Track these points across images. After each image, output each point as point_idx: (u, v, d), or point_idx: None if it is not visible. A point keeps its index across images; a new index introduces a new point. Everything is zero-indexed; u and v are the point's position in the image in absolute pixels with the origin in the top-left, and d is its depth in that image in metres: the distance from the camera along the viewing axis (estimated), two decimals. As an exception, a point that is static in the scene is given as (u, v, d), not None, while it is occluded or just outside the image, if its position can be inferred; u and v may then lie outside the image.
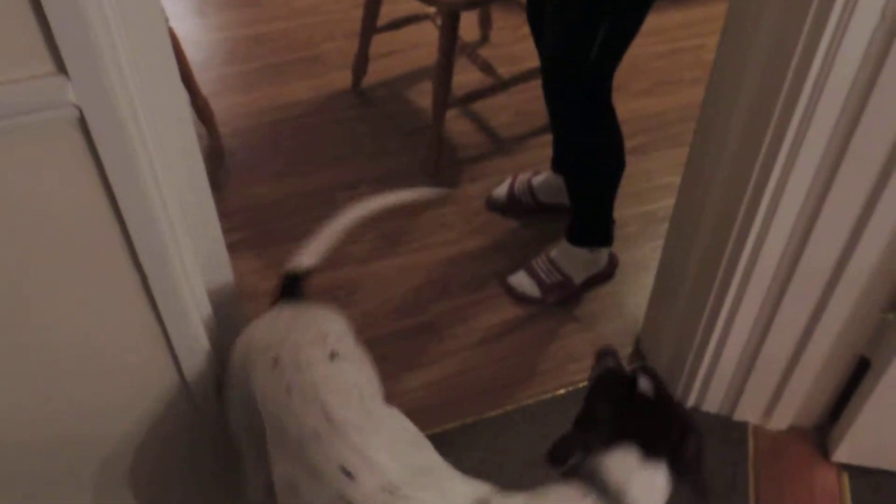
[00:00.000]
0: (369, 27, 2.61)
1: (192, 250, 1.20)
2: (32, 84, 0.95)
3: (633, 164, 1.96)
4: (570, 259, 2.09)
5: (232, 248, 1.35)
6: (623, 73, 1.79)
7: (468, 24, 2.87)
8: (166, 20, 1.13)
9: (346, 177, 2.45)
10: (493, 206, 2.36)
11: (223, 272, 1.33)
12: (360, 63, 2.72)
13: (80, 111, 0.98)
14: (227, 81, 2.81)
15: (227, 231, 1.31)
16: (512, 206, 2.33)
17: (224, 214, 1.32)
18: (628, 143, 1.92)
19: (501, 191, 2.35)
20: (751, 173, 1.41)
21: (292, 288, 1.36)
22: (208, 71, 2.81)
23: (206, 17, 3.17)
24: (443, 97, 2.35)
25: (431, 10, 2.53)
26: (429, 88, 2.41)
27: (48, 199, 1.05)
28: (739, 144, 1.43)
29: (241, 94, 2.76)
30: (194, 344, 1.29)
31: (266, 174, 2.46)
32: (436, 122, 2.38)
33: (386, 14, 2.62)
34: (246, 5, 3.21)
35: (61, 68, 0.94)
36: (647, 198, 2.37)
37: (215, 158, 2.49)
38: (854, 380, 1.68)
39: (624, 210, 2.19)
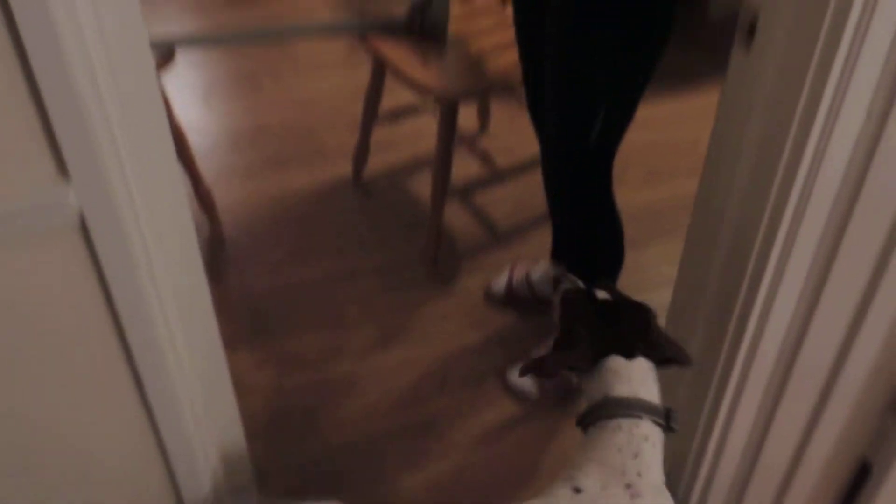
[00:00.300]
0: (370, 119, 2.65)
1: (189, 352, 1.20)
2: (35, 188, 0.96)
3: (628, 256, 1.97)
4: (569, 354, 2.07)
5: (229, 341, 1.34)
6: (617, 164, 1.79)
7: (467, 114, 2.91)
8: (169, 114, 1.14)
9: (346, 268, 2.45)
10: (491, 299, 2.36)
11: (219, 370, 1.33)
12: (361, 154, 2.75)
13: (82, 215, 0.98)
14: (230, 170, 2.84)
15: (225, 323, 1.30)
16: (510, 299, 2.33)
17: (223, 304, 1.32)
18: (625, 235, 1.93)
19: (500, 284, 2.35)
20: (746, 266, 1.40)
21: None
22: (211, 159, 2.84)
23: (212, 105, 3.22)
24: (442, 188, 2.37)
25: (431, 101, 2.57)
26: (429, 179, 2.44)
27: (46, 300, 1.05)
28: (734, 237, 1.42)
29: (243, 182, 2.79)
30: (187, 447, 1.27)
31: (266, 264, 2.47)
32: (435, 214, 2.40)
33: (387, 105, 2.65)
34: (251, 94, 3.27)
35: (63, 171, 0.95)
36: (644, 288, 2.35)
37: (216, 246, 2.50)
38: (857, 484, 1.65)
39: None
